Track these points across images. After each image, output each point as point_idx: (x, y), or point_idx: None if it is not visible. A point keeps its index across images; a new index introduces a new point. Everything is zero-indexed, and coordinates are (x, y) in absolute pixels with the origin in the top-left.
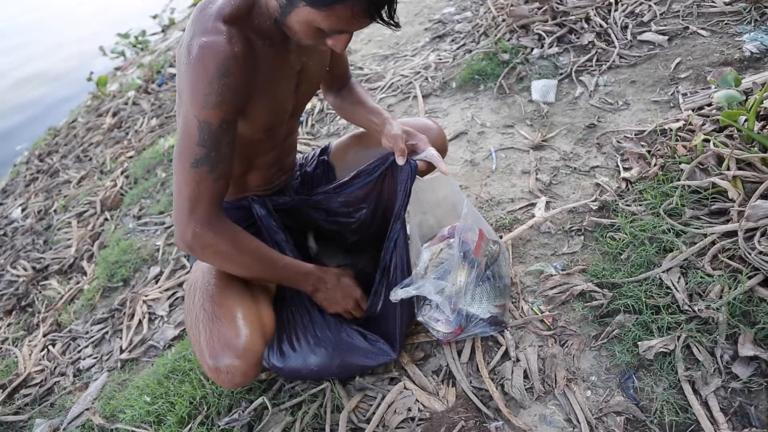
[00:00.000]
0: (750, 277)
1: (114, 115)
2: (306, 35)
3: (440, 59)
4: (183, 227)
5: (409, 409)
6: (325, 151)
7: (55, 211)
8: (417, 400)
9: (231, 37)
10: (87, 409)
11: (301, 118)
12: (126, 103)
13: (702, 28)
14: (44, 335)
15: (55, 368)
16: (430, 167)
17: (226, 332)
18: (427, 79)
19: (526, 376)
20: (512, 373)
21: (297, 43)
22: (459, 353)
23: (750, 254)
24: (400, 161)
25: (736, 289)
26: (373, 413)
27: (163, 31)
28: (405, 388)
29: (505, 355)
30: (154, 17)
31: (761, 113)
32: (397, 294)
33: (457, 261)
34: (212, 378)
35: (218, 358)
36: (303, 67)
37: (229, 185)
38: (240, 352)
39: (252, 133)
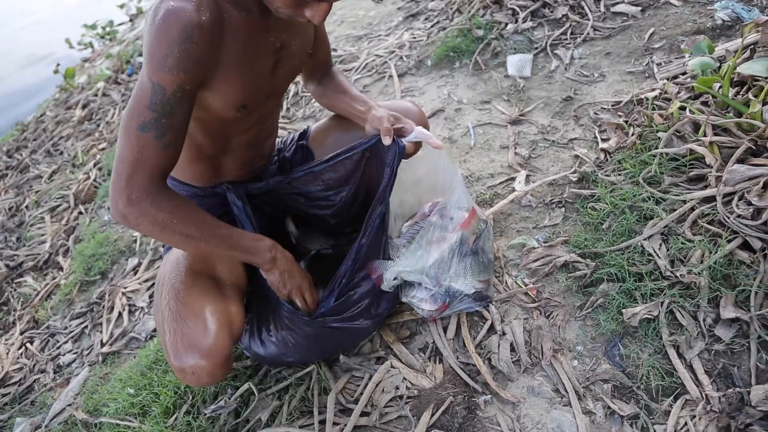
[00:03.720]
0: (729, 241)
1: (84, 107)
2: (284, 2)
3: (414, 38)
4: (118, 194)
5: (397, 388)
6: (303, 135)
7: (26, 207)
8: (404, 378)
9: (200, 5)
10: (69, 405)
11: None
12: (96, 95)
13: None
14: (21, 333)
15: (34, 366)
16: (417, 149)
17: (190, 332)
18: (401, 58)
19: (512, 349)
20: (499, 346)
21: (277, 18)
22: (445, 329)
23: (729, 218)
24: (386, 141)
25: (716, 253)
26: (361, 393)
27: (131, 20)
28: (392, 366)
29: (491, 329)
30: (121, 6)
31: (735, 79)
32: (390, 283)
33: (432, 231)
34: (179, 378)
35: (182, 358)
36: (283, 45)
37: (177, 159)
38: (204, 352)
39: (223, 109)
